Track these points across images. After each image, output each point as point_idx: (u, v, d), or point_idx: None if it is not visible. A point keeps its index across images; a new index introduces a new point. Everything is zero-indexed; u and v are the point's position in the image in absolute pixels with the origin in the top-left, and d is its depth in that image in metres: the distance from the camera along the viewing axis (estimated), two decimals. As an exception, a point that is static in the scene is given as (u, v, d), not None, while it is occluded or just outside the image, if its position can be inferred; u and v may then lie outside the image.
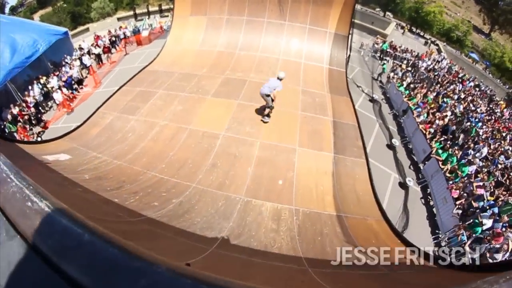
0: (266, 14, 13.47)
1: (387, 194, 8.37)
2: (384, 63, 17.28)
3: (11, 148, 5.77)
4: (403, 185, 8.82)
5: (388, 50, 20.45)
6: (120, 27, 20.18)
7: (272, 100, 8.27)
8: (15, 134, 11.47)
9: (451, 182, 8.38)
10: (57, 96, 13.22)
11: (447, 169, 8.81)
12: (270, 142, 8.14)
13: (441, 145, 9.64)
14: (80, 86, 14.57)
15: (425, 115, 11.39)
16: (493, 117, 15.94)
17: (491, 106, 18.76)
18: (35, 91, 13.51)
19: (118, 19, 33.03)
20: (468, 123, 11.75)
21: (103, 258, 0.98)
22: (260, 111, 9.27)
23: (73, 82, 14.27)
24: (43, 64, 15.04)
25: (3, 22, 17.46)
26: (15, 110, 12.21)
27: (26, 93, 13.29)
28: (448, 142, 9.79)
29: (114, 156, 7.78)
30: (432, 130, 10.53)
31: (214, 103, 9.90)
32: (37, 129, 12.38)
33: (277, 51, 12.97)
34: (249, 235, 5.23)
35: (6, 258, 1.05)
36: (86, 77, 15.24)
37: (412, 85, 13.87)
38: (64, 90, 13.53)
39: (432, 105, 12.11)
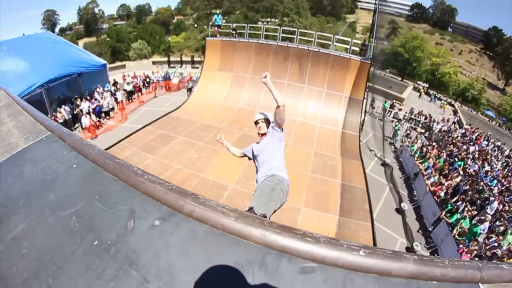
0: (287, 76, 14.52)
1: (391, 260, 8.22)
2: (397, 126, 17.70)
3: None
4: (410, 250, 8.52)
5: (395, 111, 21.13)
6: (153, 72, 21.93)
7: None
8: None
9: (461, 245, 8.11)
10: (85, 120, 14.15)
11: (458, 231, 8.56)
12: None
13: (451, 207, 9.43)
14: (107, 117, 15.61)
15: (436, 177, 11.24)
16: (510, 173, 15.44)
17: (507, 160, 18.39)
18: (67, 110, 14.66)
19: (153, 62, 35.94)
20: (482, 183, 11.42)
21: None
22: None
23: (101, 111, 15.35)
24: (79, 87, 16.47)
25: (55, 39, 19.63)
26: None
27: (58, 109, 14.53)
28: (459, 204, 9.54)
29: None
30: (442, 193, 10.28)
31: (228, 157, 10.34)
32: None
33: (295, 113, 13.67)
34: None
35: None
36: (113, 108, 16.34)
37: (424, 148, 13.93)
38: (93, 116, 14.52)
39: (445, 167, 11.99)
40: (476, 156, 15.47)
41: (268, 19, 65.64)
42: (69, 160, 1.86)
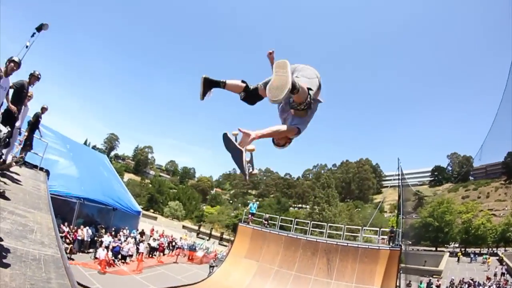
0: (314, 272, 14.09)
1: None
2: None
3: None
4: None
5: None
6: (181, 238, 22.73)
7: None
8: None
9: None
10: (101, 253, 13.92)
11: None
12: None
13: None
14: (122, 261, 15.26)
15: None
16: None
17: None
18: (89, 232, 14.90)
19: (184, 226, 37.53)
20: None
21: None
22: None
23: (119, 253, 15.24)
24: (108, 219, 17.07)
25: (108, 167, 21.95)
26: (66, 229, 13.45)
27: (82, 226, 14.82)
28: None
29: None
30: None
31: None
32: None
33: None
34: None
35: None
36: (131, 255, 16.13)
37: None
38: (109, 253, 14.32)
39: None
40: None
41: (300, 205, 69.35)
42: None
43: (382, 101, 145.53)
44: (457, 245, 42.95)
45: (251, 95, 2.49)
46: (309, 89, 2.12)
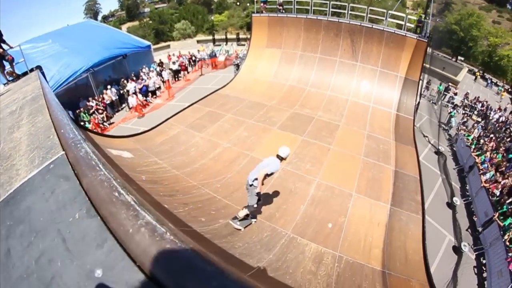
0: (339, 53, 13.67)
1: (438, 257, 7.76)
2: (453, 112, 16.42)
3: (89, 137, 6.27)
4: (457, 250, 8.04)
5: (450, 95, 19.37)
6: (198, 50, 21.74)
7: (257, 193, 5.52)
8: (87, 123, 12.81)
9: (511, 254, 7.30)
10: (132, 100, 14.46)
11: (510, 237, 7.75)
12: (327, 183, 8.00)
13: (506, 209, 8.55)
14: (154, 96, 15.70)
15: (492, 173, 10.36)
16: None
17: None
18: (113, 91, 15.03)
19: (198, 41, 36.07)
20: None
21: (181, 258, 1.09)
22: (322, 151, 9.17)
23: (148, 91, 15.44)
24: (124, 69, 16.85)
25: (97, 25, 20.16)
26: (92, 103, 13.70)
27: (104, 91, 14.97)
28: (515, 206, 8.59)
29: (173, 166, 8.18)
30: (497, 192, 9.48)
31: (279, 136, 10.04)
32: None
33: (347, 91, 12.95)
34: (286, 272, 5.17)
35: (82, 231, 1.22)
36: (159, 87, 16.38)
37: (481, 139, 12.90)
38: (139, 96, 14.66)
39: (503, 163, 10.97)
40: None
41: None
42: (72, 209, 1.45)
43: None
44: (477, 64, 39.91)
45: None
46: None
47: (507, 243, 7.56)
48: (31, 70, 7.71)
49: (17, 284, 1.10)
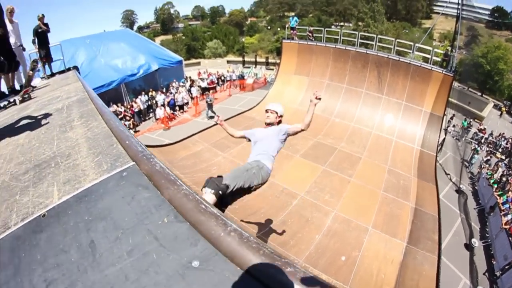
0: (365, 85, 13.73)
1: (451, 301, 7.46)
2: (476, 148, 16.05)
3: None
4: None
5: (474, 131, 19.01)
6: (228, 70, 22.45)
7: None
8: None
9: None
10: (159, 112, 14.97)
11: None
12: (345, 216, 7.96)
13: None
14: (181, 111, 16.24)
15: None
16: None
17: None
18: (142, 100, 15.65)
19: (228, 61, 37.28)
20: None
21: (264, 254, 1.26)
22: (342, 182, 9.14)
23: (175, 104, 16.02)
24: (155, 80, 17.51)
25: (134, 35, 21.22)
26: (121, 109, 14.29)
27: (134, 99, 15.52)
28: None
29: (194, 182, 8.22)
30: None
31: (301, 164, 10.11)
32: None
33: (371, 124, 12.91)
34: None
35: (174, 233, 1.37)
36: (187, 103, 16.94)
37: (504, 178, 12.45)
38: (167, 109, 15.20)
39: None
40: None
41: (342, 23, 63.56)
42: (159, 214, 1.56)
43: None
44: (503, 99, 38.47)
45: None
46: None
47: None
48: (68, 69, 7.91)
49: (109, 267, 1.23)
